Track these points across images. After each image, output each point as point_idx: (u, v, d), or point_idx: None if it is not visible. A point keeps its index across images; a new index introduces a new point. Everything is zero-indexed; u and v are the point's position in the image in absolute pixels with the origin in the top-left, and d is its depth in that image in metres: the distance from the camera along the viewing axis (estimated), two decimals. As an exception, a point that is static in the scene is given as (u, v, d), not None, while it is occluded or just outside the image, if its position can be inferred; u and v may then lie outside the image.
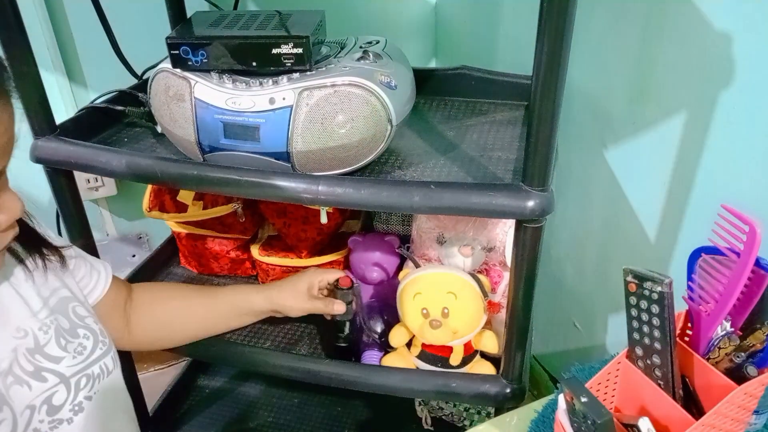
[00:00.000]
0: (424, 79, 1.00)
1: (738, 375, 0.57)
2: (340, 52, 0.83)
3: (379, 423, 1.30)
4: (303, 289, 0.92)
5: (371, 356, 0.96)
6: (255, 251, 1.10)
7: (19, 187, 0.61)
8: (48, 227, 0.75)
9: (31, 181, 1.05)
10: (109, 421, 0.70)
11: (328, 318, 0.95)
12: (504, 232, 0.91)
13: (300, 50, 0.75)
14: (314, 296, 0.93)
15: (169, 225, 1.14)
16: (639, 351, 0.61)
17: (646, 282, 0.57)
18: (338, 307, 0.91)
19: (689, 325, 0.63)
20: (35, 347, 0.63)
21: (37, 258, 0.68)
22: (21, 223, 0.67)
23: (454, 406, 1.25)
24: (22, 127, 0.87)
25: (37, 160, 0.88)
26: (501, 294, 0.94)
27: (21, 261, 0.67)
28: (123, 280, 0.89)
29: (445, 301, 0.85)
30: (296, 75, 0.76)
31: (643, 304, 0.58)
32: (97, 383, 0.67)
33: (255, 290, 0.95)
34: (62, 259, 0.72)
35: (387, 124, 0.76)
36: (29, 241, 0.68)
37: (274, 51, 0.76)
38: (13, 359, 0.61)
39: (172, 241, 1.24)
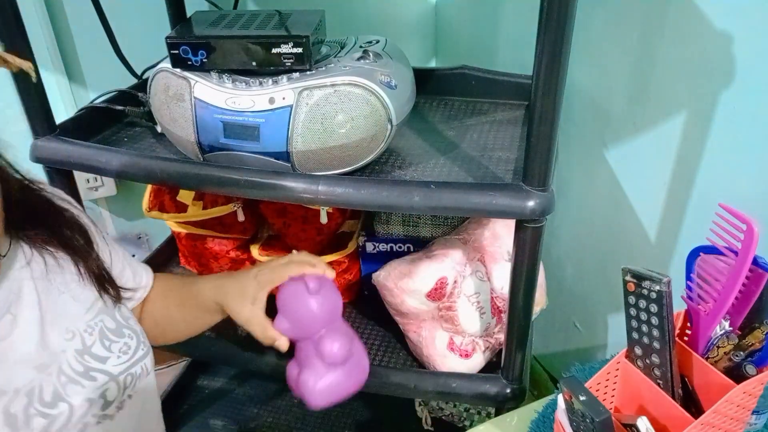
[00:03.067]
0: (424, 79, 1.00)
1: (737, 374, 0.57)
2: (340, 51, 0.83)
3: (379, 423, 1.30)
4: (250, 293, 0.73)
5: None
6: (255, 251, 1.10)
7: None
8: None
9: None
10: (143, 421, 0.72)
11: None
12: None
13: (300, 50, 0.75)
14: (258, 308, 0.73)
15: (169, 225, 1.14)
16: (638, 350, 0.61)
17: (645, 281, 0.57)
18: (279, 343, 0.72)
19: (688, 324, 0.63)
20: (83, 348, 0.65)
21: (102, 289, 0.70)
22: (88, 256, 0.69)
23: (454, 406, 1.25)
24: (22, 127, 0.88)
25: (37, 160, 0.88)
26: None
27: (77, 264, 0.68)
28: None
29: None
30: (296, 75, 0.76)
31: (642, 303, 0.58)
32: (138, 383, 0.69)
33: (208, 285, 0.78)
34: (118, 298, 0.72)
35: (387, 123, 0.76)
36: (96, 277, 0.70)
37: (274, 51, 0.76)
38: (62, 360, 0.63)
39: (171, 241, 1.24)
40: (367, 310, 1.07)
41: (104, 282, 0.70)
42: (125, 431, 0.68)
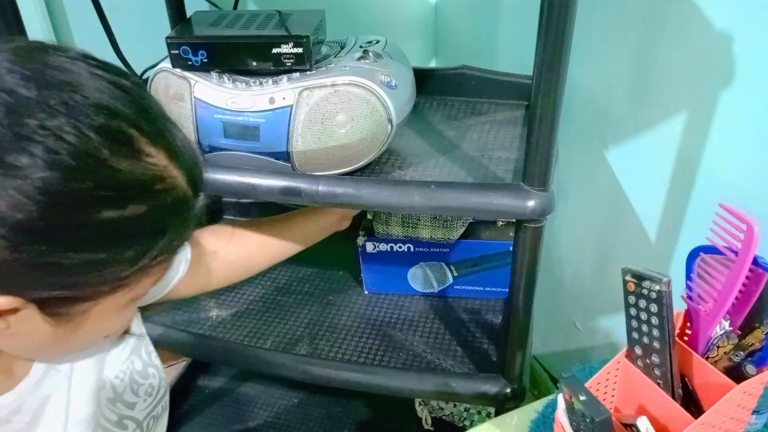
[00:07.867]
0: (424, 79, 1.00)
1: (737, 374, 0.57)
2: (340, 51, 0.83)
3: (379, 423, 1.30)
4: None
5: None
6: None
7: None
8: None
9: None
10: None
11: None
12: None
13: (300, 50, 0.75)
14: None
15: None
16: (638, 350, 0.61)
17: (645, 281, 0.57)
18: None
19: (688, 324, 0.63)
20: (114, 396, 0.61)
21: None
22: None
23: (454, 406, 1.25)
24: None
25: (38, 159, 0.88)
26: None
27: None
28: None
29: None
30: (296, 75, 0.76)
31: (642, 303, 0.58)
32: (160, 422, 0.67)
33: (322, 218, 0.93)
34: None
35: (387, 123, 0.76)
36: None
37: (274, 51, 0.76)
38: (96, 410, 0.59)
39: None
40: (367, 309, 1.07)
41: None
42: None
